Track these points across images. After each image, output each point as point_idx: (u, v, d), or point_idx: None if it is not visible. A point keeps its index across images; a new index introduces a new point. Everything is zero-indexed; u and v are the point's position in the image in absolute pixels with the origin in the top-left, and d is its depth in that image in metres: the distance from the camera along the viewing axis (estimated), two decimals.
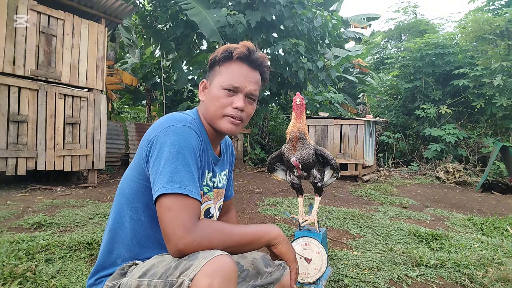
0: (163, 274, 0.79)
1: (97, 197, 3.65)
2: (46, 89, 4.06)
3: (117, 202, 0.99)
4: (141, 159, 0.92)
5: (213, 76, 1.00)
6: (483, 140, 7.11)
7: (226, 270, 0.73)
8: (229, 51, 0.98)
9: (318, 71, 6.69)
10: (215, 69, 1.00)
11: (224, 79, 0.97)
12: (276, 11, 6.00)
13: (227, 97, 0.96)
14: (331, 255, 2.04)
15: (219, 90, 0.97)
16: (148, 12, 7.76)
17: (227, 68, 0.98)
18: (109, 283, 0.92)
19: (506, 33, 6.91)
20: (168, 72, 9.05)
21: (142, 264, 0.90)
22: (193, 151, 0.87)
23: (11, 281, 1.48)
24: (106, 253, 0.98)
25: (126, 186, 0.97)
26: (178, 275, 0.76)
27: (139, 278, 0.84)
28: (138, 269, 0.88)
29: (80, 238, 2.01)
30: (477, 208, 4.07)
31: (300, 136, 1.49)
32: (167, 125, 0.88)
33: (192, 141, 0.88)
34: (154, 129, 0.91)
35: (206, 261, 0.73)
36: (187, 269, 0.74)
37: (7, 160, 3.70)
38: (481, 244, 2.34)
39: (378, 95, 9.95)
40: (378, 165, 7.81)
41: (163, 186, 0.80)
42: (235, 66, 0.98)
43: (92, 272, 0.99)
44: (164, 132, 0.87)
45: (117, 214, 0.97)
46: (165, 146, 0.85)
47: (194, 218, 0.80)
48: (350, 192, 4.62)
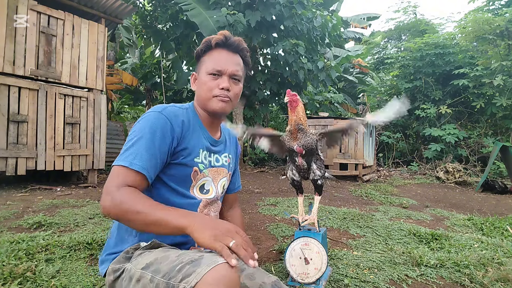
0: (166, 274, 0.79)
1: (97, 197, 3.65)
2: (46, 89, 4.06)
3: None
4: None
5: (199, 67, 1.12)
6: (483, 140, 7.11)
7: (228, 280, 0.71)
8: (208, 41, 1.10)
9: (318, 71, 6.69)
10: (200, 60, 1.13)
11: (208, 65, 1.08)
12: (276, 11, 5.99)
13: (213, 81, 1.07)
14: (331, 255, 2.04)
15: (205, 76, 1.08)
16: (148, 12, 7.76)
17: (209, 56, 1.10)
18: (114, 266, 0.96)
19: (506, 33, 6.91)
20: (168, 72, 9.06)
21: (146, 254, 0.91)
22: (154, 131, 0.96)
23: (11, 281, 1.48)
24: (114, 230, 1.06)
25: None
26: (180, 279, 0.75)
27: (142, 270, 0.85)
28: (143, 258, 0.89)
29: (80, 238, 2.01)
30: (477, 208, 4.07)
31: (299, 127, 1.52)
32: (143, 115, 1.01)
33: (158, 123, 0.97)
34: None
35: (208, 269, 0.72)
36: (189, 275, 0.73)
37: (7, 160, 3.70)
38: (481, 244, 2.34)
39: (378, 95, 9.95)
40: (378, 165, 7.81)
41: (116, 160, 0.92)
42: (215, 52, 1.10)
43: (104, 249, 1.06)
44: (138, 120, 1.00)
45: None
46: (131, 131, 0.98)
47: (118, 184, 0.88)
48: (350, 192, 4.62)
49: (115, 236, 1.05)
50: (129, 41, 8.64)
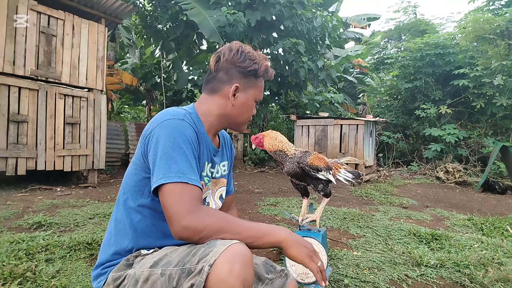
0: (179, 262, 0.81)
1: (97, 197, 3.65)
2: (46, 89, 4.06)
3: (121, 195, 1.03)
4: (140, 154, 0.97)
5: (248, 86, 1.08)
6: (483, 140, 7.11)
7: (244, 256, 0.76)
8: (267, 72, 1.10)
9: (318, 70, 6.69)
10: (251, 80, 1.08)
11: (257, 93, 1.11)
12: (276, 11, 5.99)
13: (253, 108, 1.13)
14: (331, 255, 2.04)
15: (252, 102, 1.11)
16: (148, 12, 7.76)
17: (260, 84, 1.12)
18: (114, 274, 0.93)
19: (506, 33, 6.91)
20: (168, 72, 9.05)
21: (151, 255, 0.91)
22: (189, 141, 0.91)
23: (11, 281, 1.48)
24: (110, 244, 1.01)
25: (129, 180, 1.01)
26: (197, 261, 0.77)
27: (151, 268, 0.85)
28: (148, 259, 0.89)
29: (80, 238, 2.01)
30: (477, 208, 4.07)
31: (275, 153, 1.57)
32: (162, 120, 0.93)
33: (187, 133, 0.92)
34: (150, 125, 0.95)
35: (225, 248, 0.76)
36: (206, 255, 0.76)
37: (7, 160, 3.70)
38: (481, 244, 2.34)
39: (378, 95, 9.95)
40: (378, 165, 7.81)
41: (162, 177, 0.84)
42: (262, 83, 1.13)
43: (97, 263, 1.02)
44: (159, 126, 0.91)
45: (122, 206, 1.01)
46: (160, 139, 0.89)
47: (196, 201, 0.84)
48: (350, 192, 4.62)
49: (111, 251, 1.00)
50: (129, 41, 8.63)
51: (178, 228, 0.81)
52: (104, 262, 0.99)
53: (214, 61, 1.09)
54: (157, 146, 0.88)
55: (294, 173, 1.54)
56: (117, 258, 0.98)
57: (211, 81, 1.10)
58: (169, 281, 0.79)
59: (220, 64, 1.08)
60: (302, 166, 1.52)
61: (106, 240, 1.03)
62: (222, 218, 0.86)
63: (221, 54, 1.08)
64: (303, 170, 1.52)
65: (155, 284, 0.82)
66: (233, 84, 1.06)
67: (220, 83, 1.07)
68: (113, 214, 1.05)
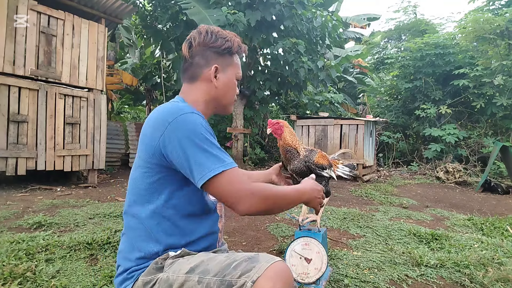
0: (218, 272, 0.81)
1: (97, 197, 3.65)
2: (46, 89, 4.06)
3: (133, 201, 0.99)
4: (150, 157, 0.93)
5: (226, 65, 1.07)
6: (483, 140, 7.10)
7: (286, 275, 0.78)
8: (240, 48, 1.09)
9: (318, 70, 6.69)
10: (227, 58, 1.08)
11: (237, 71, 1.10)
12: (276, 11, 5.99)
13: (236, 86, 1.11)
14: (331, 255, 2.04)
15: (233, 80, 1.09)
16: (148, 12, 7.75)
17: (237, 61, 1.11)
18: (145, 278, 0.92)
19: (506, 32, 6.91)
20: (168, 72, 9.05)
21: (184, 259, 0.91)
22: (208, 131, 0.93)
23: (11, 281, 1.48)
24: (132, 250, 0.98)
25: (140, 184, 0.97)
26: (239, 275, 0.78)
27: (187, 274, 0.85)
28: (182, 264, 0.89)
29: (80, 238, 2.01)
30: (477, 208, 4.07)
31: (287, 149, 1.53)
32: (172, 118, 0.89)
33: (203, 123, 0.92)
34: (156, 126, 0.91)
35: (268, 265, 0.77)
36: (249, 270, 0.77)
37: (7, 160, 3.70)
38: (481, 244, 2.34)
39: (378, 95, 9.94)
40: (378, 165, 7.81)
41: (208, 171, 0.85)
42: (238, 60, 1.11)
43: (120, 271, 0.99)
44: (173, 125, 0.89)
45: (135, 214, 0.98)
46: (183, 138, 0.87)
47: (246, 179, 0.89)
48: (350, 192, 4.62)
49: (134, 256, 0.97)
50: (129, 41, 8.63)
51: (245, 207, 0.87)
52: (129, 268, 0.97)
53: (187, 47, 1.07)
54: (183, 145, 0.87)
55: (299, 171, 1.52)
56: (143, 262, 0.96)
57: (188, 69, 1.08)
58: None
59: (193, 50, 1.06)
60: (309, 164, 1.51)
61: (125, 247, 1.00)
62: (272, 189, 0.93)
63: (191, 39, 1.07)
64: (309, 168, 1.52)
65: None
66: (212, 65, 1.05)
67: (198, 68, 1.06)
68: (127, 223, 1.01)
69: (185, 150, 0.87)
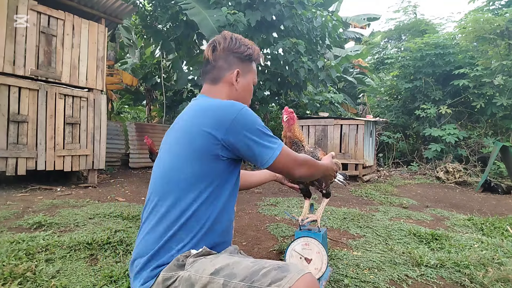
0: (246, 278, 0.82)
1: (97, 197, 3.65)
2: (46, 89, 4.06)
3: (170, 190, 0.99)
4: (207, 146, 0.98)
5: (246, 70, 1.18)
6: (483, 140, 7.10)
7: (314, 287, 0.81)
8: (259, 56, 1.21)
9: (318, 70, 6.69)
10: (248, 65, 1.19)
11: (254, 77, 1.22)
12: (276, 11, 5.99)
13: (252, 91, 1.24)
14: (331, 255, 2.04)
15: (251, 85, 1.21)
16: (148, 12, 7.76)
17: (254, 67, 1.22)
18: (166, 274, 0.92)
19: (506, 33, 6.91)
20: (168, 72, 9.06)
21: (208, 260, 0.91)
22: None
23: (11, 281, 1.48)
24: (159, 240, 0.97)
25: (182, 172, 0.99)
26: (269, 283, 0.79)
27: (211, 276, 0.85)
28: (205, 264, 0.89)
29: (80, 238, 2.01)
30: (477, 208, 4.07)
31: (294, 141, 1.51)
32: (236, 112, 0.99)
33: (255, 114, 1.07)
34: (221, 119, 0.98)
35: (299, 276, 0.79)
36: (279, 280, 0.79)
37: (7, 160, 3.70)
38: (481, 244, 2.34)
39: (378, 95, 9.94)
40: (378, 165, 7.81)
41: (273, 153, 1.00)
42: (255, 67, 1.23)
43: (144, 261, 0.97)
44: (238, 119, 0.98)
45: (175, 200, 0.98)
46: (250, 128, 0.99)
47: (295, 153, 1.11)
48: (350, 192, 4.62)
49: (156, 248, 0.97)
50: (129, 41, 8.63)
51: (301, 173, 1.09)
52: (151, 260, 0.96)
53: (211, 51, 1.15)
54: (251, 133, 0.99)
55: None
56: (166, 255, 0.96)
57: (211, 71, 1.16)
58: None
59: (217, 53, 1.14)
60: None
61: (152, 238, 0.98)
62: (313, 160, 1.19)
63: (216, 43, 1.15)
64: None
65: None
66: (234, 69, 1.14)
67: (221, 71, 1.14)
68: (160, 211, 0.99)
69: (253, 137, 0.99)
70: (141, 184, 4.79)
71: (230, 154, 1.01)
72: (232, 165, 1.04)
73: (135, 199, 3.68)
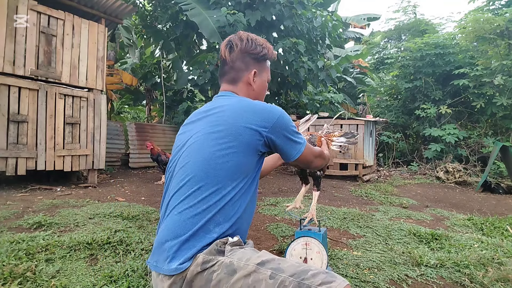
0: (295, 275, 0.86)
1: (97, 197, 3.65)
2: (46, 89, 4.06)
3: (214, 176, 1.02)
4: (252, 140, 1.05)
5: (262, 69, 1.24)
6: (483, 140, 7.10)
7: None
8: (273, 54, 1.26)
9: (318, 70, 6.69)
10: (263, 64, 1.24)
11: (268, 75, 1.28)
12: (276, 11, 5.99)
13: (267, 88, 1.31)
14: (331, 255, 2.04)
15: (266, 83, 1.27)
16: (148, 12, 7.76)
17: (268, 65, 1.28)
18: (206, 256, 0.94)
19: (506, 32, 6.91)
20: (168, 72, 9.06)
21: (249, 251, 0.96)
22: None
23: (11, 281, 1.48)
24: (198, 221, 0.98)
25: (227, 162, 1.03)
26: (319, 283, 0.84)
27: (258, 266, 0.89)
28: (248, 254, 0.94)
29: (80, 238, 2.01)
30: (477, 208, 4.07)
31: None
32: (277, 114, 1.09)
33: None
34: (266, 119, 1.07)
35: (345, 284, 0.84)
36: (330, 282, 0.84)
37: (7, 160, 3.70)
38: (481, 244, 2.34)
39: (378, 95, 9.94)
40: (378, 165, 7.81)
41: (300, 148, 1.14)
42: (269, 64, 1.29)
43: (182, 241, 0.97)
44: (280, 119, 1.09)
45: (217, 187, 1.02)
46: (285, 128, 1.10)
47: (314, 147, 1.25)
48: (350, 192, 4.62)
49: (196, 228, 0.98)
50: (129, 41, 8.63)
51: (317, 165, 1.28)
52: (189, 240, 0.97)
53: (228, 52, 1.20)
54: (287, 132, 1.11)
55: None
56: (205, 236, 0.98)
57: (229, 72, 1.21)
58: (278, 287, 0.84)
59: (234, 54, 1.20)
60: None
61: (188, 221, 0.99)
62: (324, 151, 1.35)
63: (233, 44, 1.19)
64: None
65: (259, 283, 0.86)
66: (251, 70, 1.20)
67: (239, 72, 1.20)
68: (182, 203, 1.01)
69: (287, 135, 1.11)
70: (141, 184, 4.79)
71: (267, 149, 1.12)
72: (261, 160, 1.15)
73: (135, 199, 3.67)
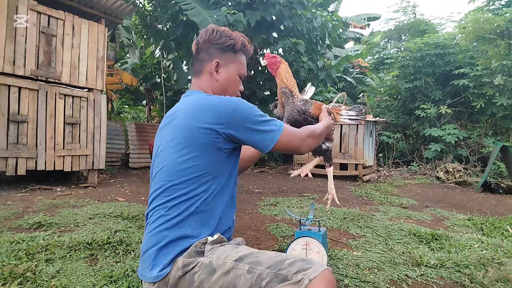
0: (272, 266, 0.86)
1: (97, 197, 3.65)
2: (46, 89, 4.06)
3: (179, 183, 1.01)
4: (209, 140, 1.01)
5: (229, 61, 1.18)
6: (483, 140, 7.10)
7: (334, 282, 0.87)
8: (244, 46, 1.20)
9: (318, 70, 6.69)
10: (231, 55, 1.18)
11: (240, 68, 1.20)
12: (276, 11, 5.99)
13: (238, 83, 1.22)
14: (331, 255, 2.04)
15: (235, 76, 1.20)
16: (148, 12, 7.76)
17: (241, 59, 1.21)
18: (185, 260, 0.94)
19: (506, 32, 6.90)
20: (168, 72, 9.06)
21: (228, 248, 0.95)
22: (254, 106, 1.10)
23: (11, 281, 1.48)
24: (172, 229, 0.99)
25: (190, 167, 1.01)
26: (295, 272, 0.84)
27: (236, 262, 0.89)
28: (227, 251, 0.93)
29: (80, 238, 2.01)
30: (477, 208, 4.07)
31: (283, 91, 1.45)
32: (234, 104, 1.03)
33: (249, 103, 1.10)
34: (220, 114, 1.01)
35: (322, 269, 0.85)
36: (306, 269, 0.84)
37: (7, 160, 3.70)
38: (481, 244, 2.34)
39: (378, 95, 9.94)
40: (378, 165, 7.81)
41: (275, 133, 1.05)
42: (243, 58, 1.22)
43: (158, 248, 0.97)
44: (235, 112, 1.02)
45: (186, 192, 1.01)
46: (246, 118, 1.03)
47: (296, 130, 1.15)
48: (350, 192, 4.62)
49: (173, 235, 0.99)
50: (129, 41, 8.63)
51: (306, 148, 1.16)
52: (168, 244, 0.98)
53: (195, 45, 1.20)
54: (250, 123, 1.03)
55: (294, 122, 1.43)
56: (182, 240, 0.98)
57: (195, 64, 1.21)
58: (256, 280, 0.85)
59: (200, 46, 1.18)
60: (305, 116, 1.42)
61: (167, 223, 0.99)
62: (315, 129, 1.23)
63: (199, 37, 1.19)
64: (305, 120, 1.43)
65: (238, 278, 0.86)
66: (214, 60, 1.16)
67: (202, 62, 1.18)
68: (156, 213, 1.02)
69: (251, 125, 1.03)
70: (141, 184, 4.79)
71: (233, 145, 1.06)
72: (233, 156, 1.09)
73: (135, 199, 3.67)
